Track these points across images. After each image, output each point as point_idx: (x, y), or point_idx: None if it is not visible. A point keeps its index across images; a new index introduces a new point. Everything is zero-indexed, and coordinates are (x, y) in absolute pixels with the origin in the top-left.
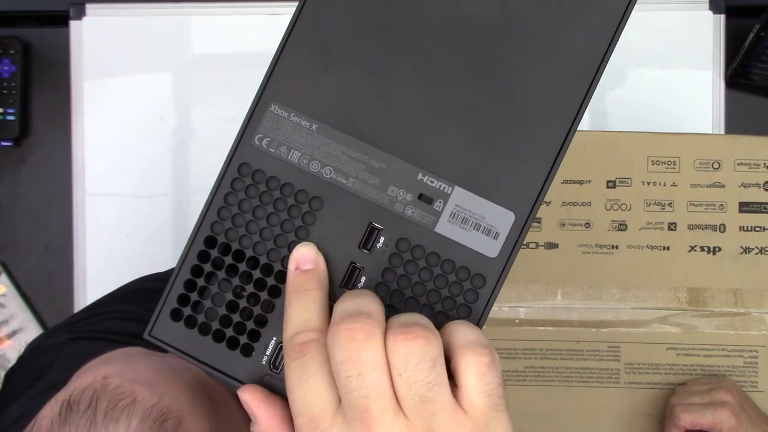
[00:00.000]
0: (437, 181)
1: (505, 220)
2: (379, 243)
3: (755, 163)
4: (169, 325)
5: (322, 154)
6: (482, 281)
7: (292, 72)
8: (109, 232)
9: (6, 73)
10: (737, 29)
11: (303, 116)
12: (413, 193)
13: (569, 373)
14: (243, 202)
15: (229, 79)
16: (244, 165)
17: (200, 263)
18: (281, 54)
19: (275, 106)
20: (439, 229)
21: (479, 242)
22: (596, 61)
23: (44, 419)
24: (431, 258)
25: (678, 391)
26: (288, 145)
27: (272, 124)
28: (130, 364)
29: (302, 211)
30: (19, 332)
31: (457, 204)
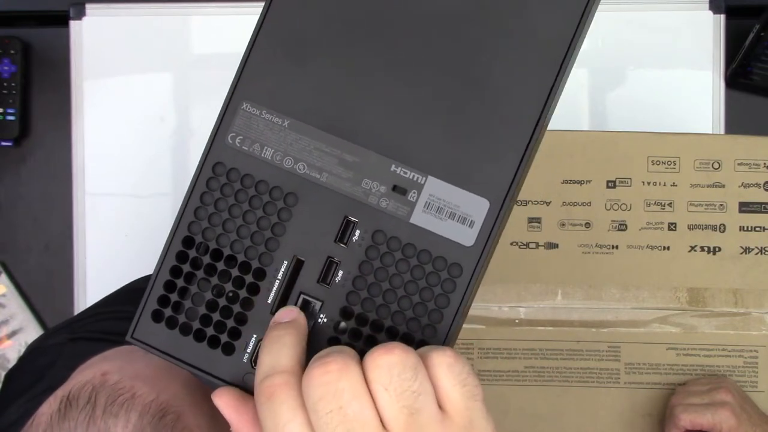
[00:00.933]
0: (410, 172)
1: (479, 207)
2: (355, 236)
3: (755, 163)
4: (150, 327)
5: (295, 150)
6: (459, 270)
7: (263, 69)
8: (109, 232)
9: (6, 73)
10: (737, 29)
11: (275, 113)
12: (387, 185)
13: (569, 373)
14: (219, 201)
15: (228, 79)
16: (218, 164)
17: (179, 264)
18: (251, 52)
19: (247, 104)
20: (414, 220)
21: (455, 231)
22: (563, 47)
23: (43, 415)
24: (408, 249)
25: (678, 391)
26: (261, 142)
27: (245, 123)
28: (128, 361)
29: (278, 207)
30: (19, 332)
31: (431, 194)
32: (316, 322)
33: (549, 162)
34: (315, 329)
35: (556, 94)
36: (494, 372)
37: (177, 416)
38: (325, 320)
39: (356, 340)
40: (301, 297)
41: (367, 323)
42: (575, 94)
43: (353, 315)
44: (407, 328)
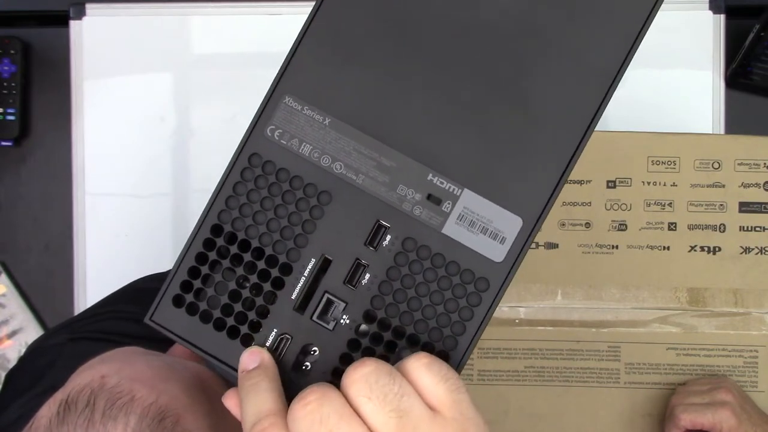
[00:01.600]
0: (447, 183)
1: (512, 225)
2: (386, 241)
3: (755, 163)
4: (170, 311)
5: (334, 149)
6: (486, 285)
7: (308, 65)
8: (109, 232)
9: (6, 73)
10: (737, 29)
11: (316, 110)
12: (422, 193)
13: (569, 373)
14: (252, 192)
15: (229, 79)
16: (254, 155)
17: (205, 251)
18: (298, 46)
19: (289, 98)
20: (446, 231)
21: (485, 246)
22: (612, 72)
23: (42, 419)
24: (436, 259)
25: (678, 391)
26: (300, 137)
27: (285, 116)
28: (128, 363)
29: (310, 204)
30: (19, 332)
31: (465, 206)
32: (338, 322)
33: None
34: (336, 330)
35: (597, 120)
36: (494, 372)
37: (176, 419)
38: (348, 322)
39: (377, 345)
40: (326, 296)
41: (390, 329)
42: None
43: (376, 319)
44: (428, 338)
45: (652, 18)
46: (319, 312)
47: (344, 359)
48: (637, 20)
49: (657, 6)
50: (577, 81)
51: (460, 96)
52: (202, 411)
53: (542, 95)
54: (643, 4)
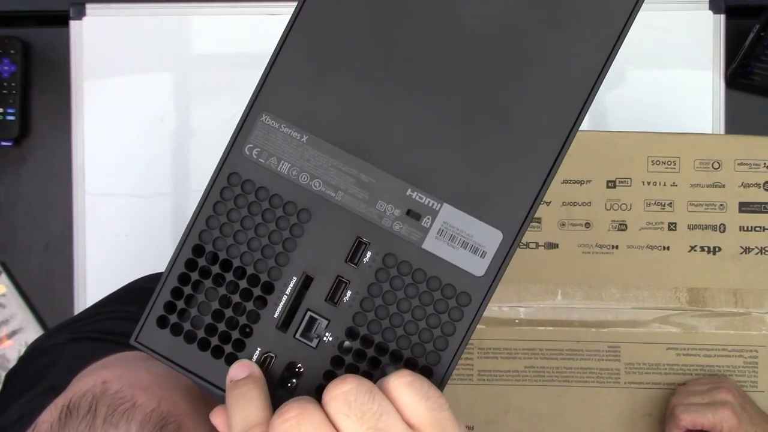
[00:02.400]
0: (426, 198)
1: (493, 238)
2: (366, 257)
3: (755, 163)
4: (155, 332)
5: (312, 166)
6: (468, 299)
7: (285, 82)
8: (109, 232)
9: (6, 73)
10: (737, 29)
11: (294, 127)
12: (402, 209)
13: (569, 373)
14: (232, 211)
15: (229, 79)
16: (233, 174)
17: (188, 271)
18: (274, 63)
19: (266, 116)
20: (426, 246)
21: (466, 260)
22: (590, 81)
23: (44, 424)
24: (417, 274)
25: (678, 391)
26: (278, 156)
27: (263, 135)
28: (129, 369)
29: (290, 222)
30: (19, 332)
31: (445, 221)
32: (321, 340)
33: None
34: (320, 347)
35: (573, 134)
36: (494, 372)
37: (178, 425)
38: (330, 339)
39: (360, 361)
40: (308, 314)
41: (372, 345)
42: None
43: (359, 336)
44: (411, 353)
45: (630, 25)
46: (302, 330)
47: (328, 376)
48: (615, 28)
49: (635, 12)
50: (555, 92)
51: (437, 111)
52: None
53: (520, 108)
54: (621, 12)
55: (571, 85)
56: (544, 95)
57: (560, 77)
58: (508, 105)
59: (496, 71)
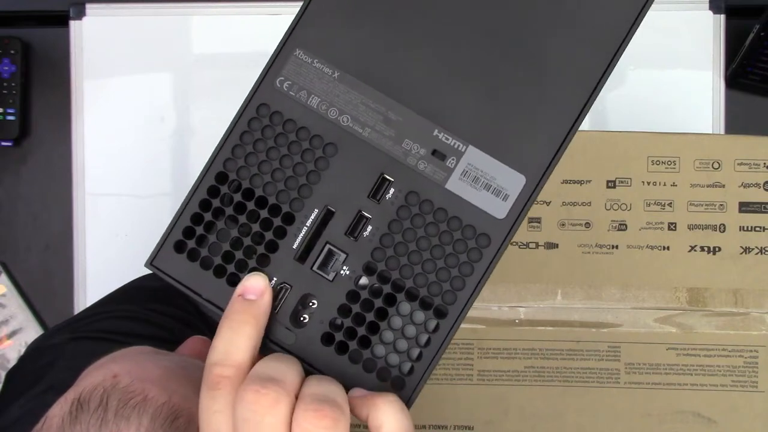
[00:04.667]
0: (452, 139)
1: (515, 182)
2: (389, 194)
3: (755, 163)
4: (171, 257)
5: (342, 102)
6: (488, 241)
7: (320, 19)
8: (109, 232)
9: (6, 73)
10: (737, 29)
11: (326, 63)
12: (427, 149)
13: (569, 373)
14: (258, 141)
15: (229, 79)
16: (262, 105)
17: (209, 198)
18: (311, 1)
19: (300, 51)
20: (449, 186)
21: (488, 202)
22: (621, 35)
23: (54, 418)
24: (439, 214)
25: None
26: (308, 90)
27: (295, 69)
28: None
29: (315, 155)
30: (19, 332)
31: (469, 162)
32: (338, 274)
33: None
34: (336, 281)
35: (603, 82)
36: (494, 372)
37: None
38: (347, 273)
39: (375, 297)
40: (327, 247)
41: (389, 282)
42: None
43: (376, 271)
44: (428, 292)
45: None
46: (320, 262)
47: (342, 311)
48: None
49: None
50: (586, 43)
51: (467, 53)
52: None
53: (550, 55)
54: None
55: (603, 36)
56: (575, 44)
57: (592, 27)
58: (538, 51)
59: (527, 17)
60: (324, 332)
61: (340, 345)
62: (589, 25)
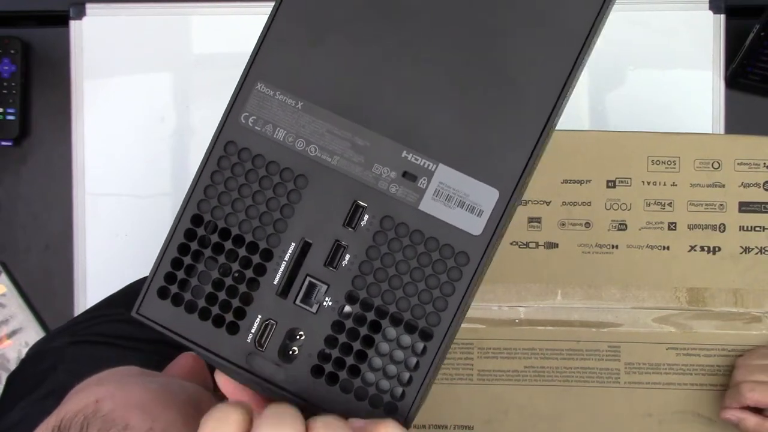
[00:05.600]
0: (421, 159)
1: (489, 197)
2: (364, 221)
3: (755, 163)
4: (156, 303)
5: (308, 132)
6: (466, 259)
7: (278, 50)
8: (109, 232)
9: (6, 73)
10: (737, 29)
11: (288, 94)
12: (397, 171)
13: (569, 373)
14: (229, 180)
15: (229, 79)
16: (230, 143)
17: (187, 241)
18: (267, 32)
19: (261, 84)
20: (423, 207)
21: (463, 220)
22: (579, 40)
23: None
24: (415, 236)
25: (740, 364)
26: (274, 123)
27: (258, 102)
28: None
29: (287, 189)
30: (19, 332)
31: (441, 181)
32: (321, 305)
33: (549, 162)
34: (320, 313)
35: (569, 88)
36: (494, 372)
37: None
38: (330, 303)
39: (360, 326)
40: (308, 279)
41: (372, 308)
42: (575, 94)
43: (358, 299)
44: (411, 315)
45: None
46: (302, 296)
47: (329, 342)
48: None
49: None
50: (547, 51)
51: (429, 71)
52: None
53: (512, 65)
54: None
55: (563, 43)
56: (537, 53)
57: (552, 35)
58: (500, 64)
59: (487, 30)
60: (313, 365)
61: (330, 376)
62: (550, 32)
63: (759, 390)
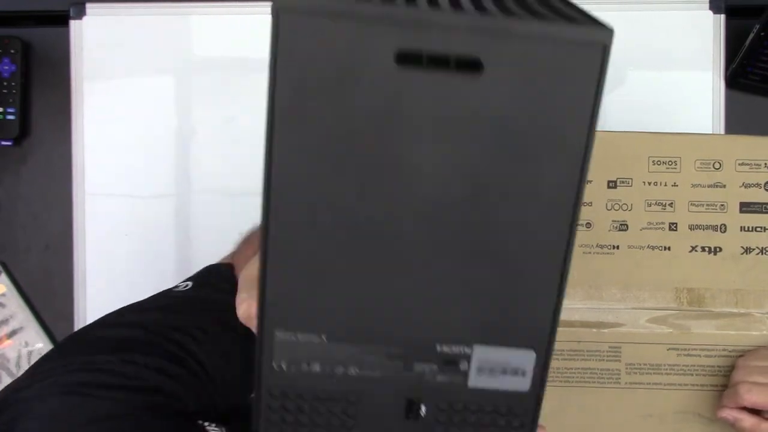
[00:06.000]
0: (455, 346)
1: (528, 358)
2: (422, 411)
3: (756, 163)
4: None
5: (341, 357)
6: (523, 410)
7: (282, 293)
8: (109, 232)
9: (6, 73)
10: (737, 29)
11: (309, 332)
12: (438, 363)
13: (570, 374)
14: (285, 425)
15: (229, 79)
16: (270, 395)
17: None
18: (266, 281)
19: (279, 332)
20: (472, 384)
21: (511, 383)
22: (571, 198)
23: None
24: (473, 412)
25: (740, 365)
26: (307, 359)
27: (284, 347)
28: None
29: (341, 419)
30: (19, 332)
31: (480, 358)
32: None
33: None
34: None
35: (573, 239)
36: None
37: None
38: None
39: None
40: None
41: None
42: None
43: None
44: None
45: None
46: None
47: None
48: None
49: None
50: (541, 218)
51: (439, 269)
52: None
53: (511, 245)
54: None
55: (554, 207)
56: (531, 223)
57: (540, 203)
58: (500, 244)
59: (478, 218)
60: None
61: None
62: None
63: (756, 391)
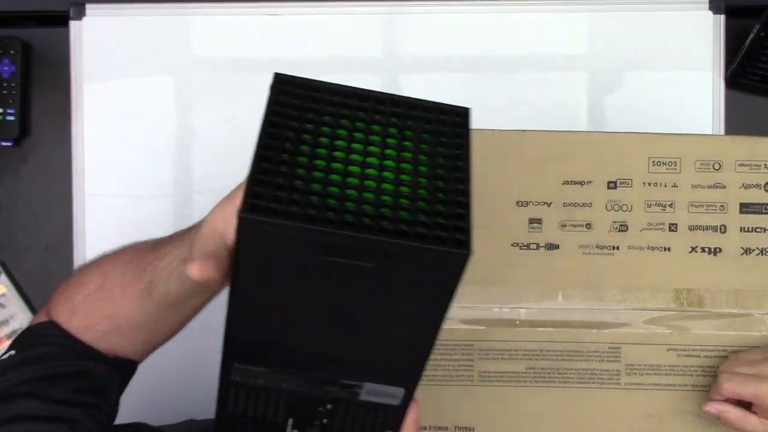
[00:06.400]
0: (352, 381)
1: (399, 391)
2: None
3: (756, 164)
4: None
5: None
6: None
7: (241, 343)
8: (109, 232)
9: (6, 73)
10: (737, 29)
11: (257, 366)
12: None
13: (570, 374)
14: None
15: (229, 80)
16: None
17: None
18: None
19: (237, 364)
20: (362, 399)
21: (387, 401)
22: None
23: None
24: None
25: (730, 357)
26: (254, 378)
27: (239, 371)
28: None
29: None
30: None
31: (367, 389)
32: None
33: (549, 163)
34: None
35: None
36: (495, 373)
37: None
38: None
39: None
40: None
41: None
42: (575, 95)
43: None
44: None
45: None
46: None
47: None
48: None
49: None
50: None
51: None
52: None
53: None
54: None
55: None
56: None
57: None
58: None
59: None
60: None
61: None
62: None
63: (735, 380)
